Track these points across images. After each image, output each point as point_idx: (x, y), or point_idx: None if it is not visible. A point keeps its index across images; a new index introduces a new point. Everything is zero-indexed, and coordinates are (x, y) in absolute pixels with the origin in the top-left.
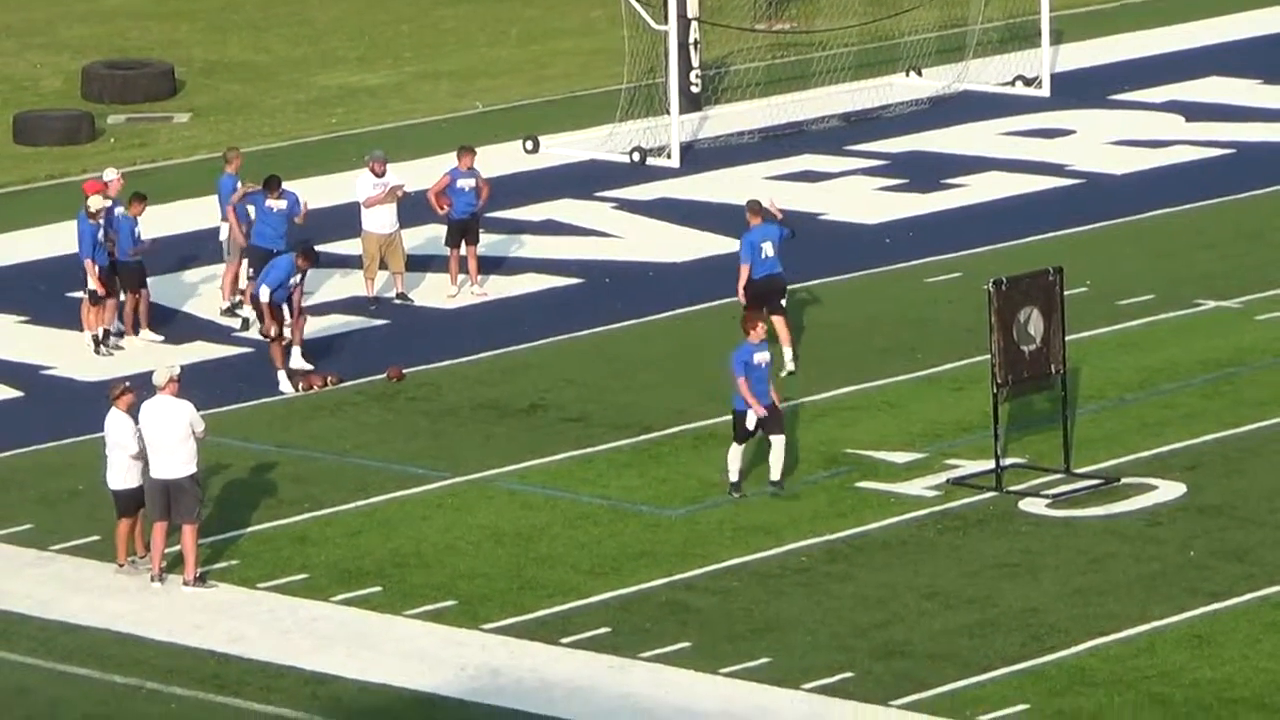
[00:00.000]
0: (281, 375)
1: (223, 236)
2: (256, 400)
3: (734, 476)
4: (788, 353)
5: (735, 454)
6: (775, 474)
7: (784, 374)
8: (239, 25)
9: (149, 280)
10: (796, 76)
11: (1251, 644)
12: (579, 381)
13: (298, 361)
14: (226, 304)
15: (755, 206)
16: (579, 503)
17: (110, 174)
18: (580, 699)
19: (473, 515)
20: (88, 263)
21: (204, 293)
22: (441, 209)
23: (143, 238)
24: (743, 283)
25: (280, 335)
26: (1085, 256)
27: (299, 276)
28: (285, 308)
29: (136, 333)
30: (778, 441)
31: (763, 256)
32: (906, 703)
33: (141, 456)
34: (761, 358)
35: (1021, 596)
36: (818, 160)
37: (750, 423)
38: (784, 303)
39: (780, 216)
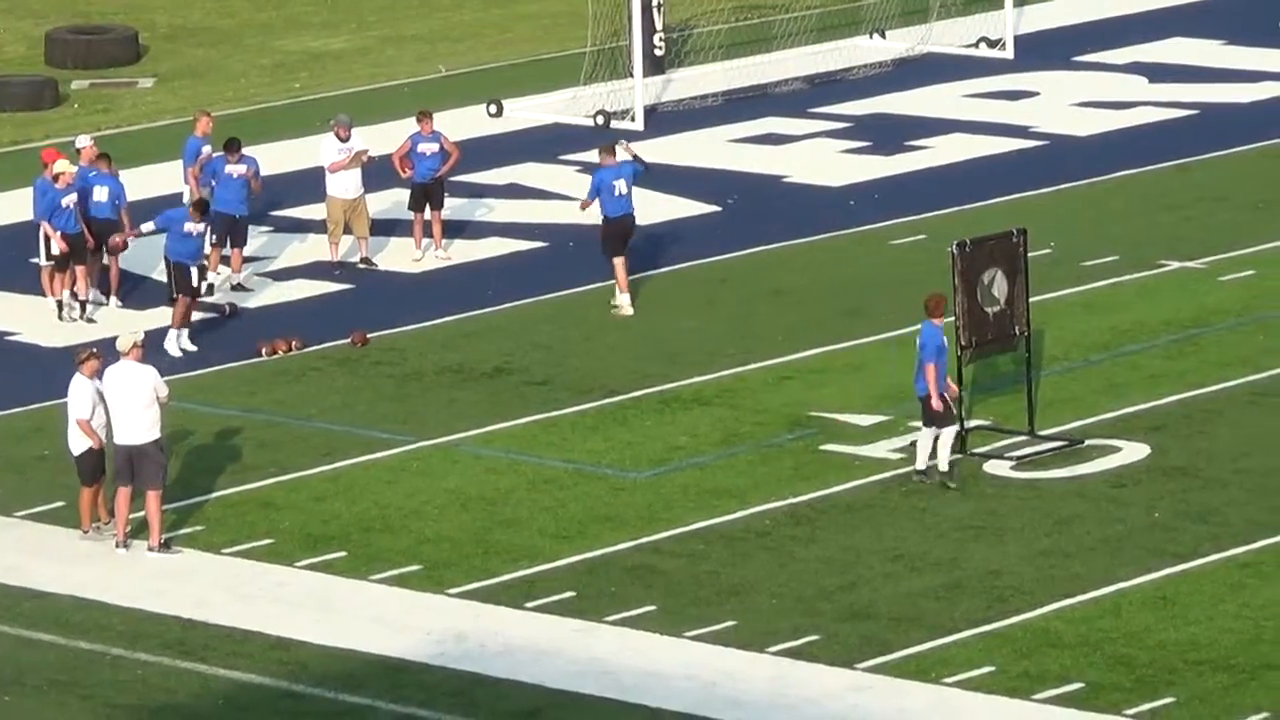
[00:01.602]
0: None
1: (186, 200)
2: (221, 365)
3: (921, 465)
4: (625, 299)
5: (926, 439)
6: (944, 464)
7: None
8: None
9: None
10: (760, 39)
11: (1216, 605)
12: (543, 345)
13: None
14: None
15: (609, 147)
16: (543, 466)
17: (83, 140)
18: (546, 663)
19: (437, 480)
20: (46, 227)
21: None
22: (405, 173)
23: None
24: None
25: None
26: (1049, 218)
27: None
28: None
29: (107, 299)
30: (949, 433)
31: (616, 194)
32: (871, 665)
33: (100, 422)
34: (946, 340)
35: (986, 559)
36: (781, 123)
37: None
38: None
39: (632, 157)
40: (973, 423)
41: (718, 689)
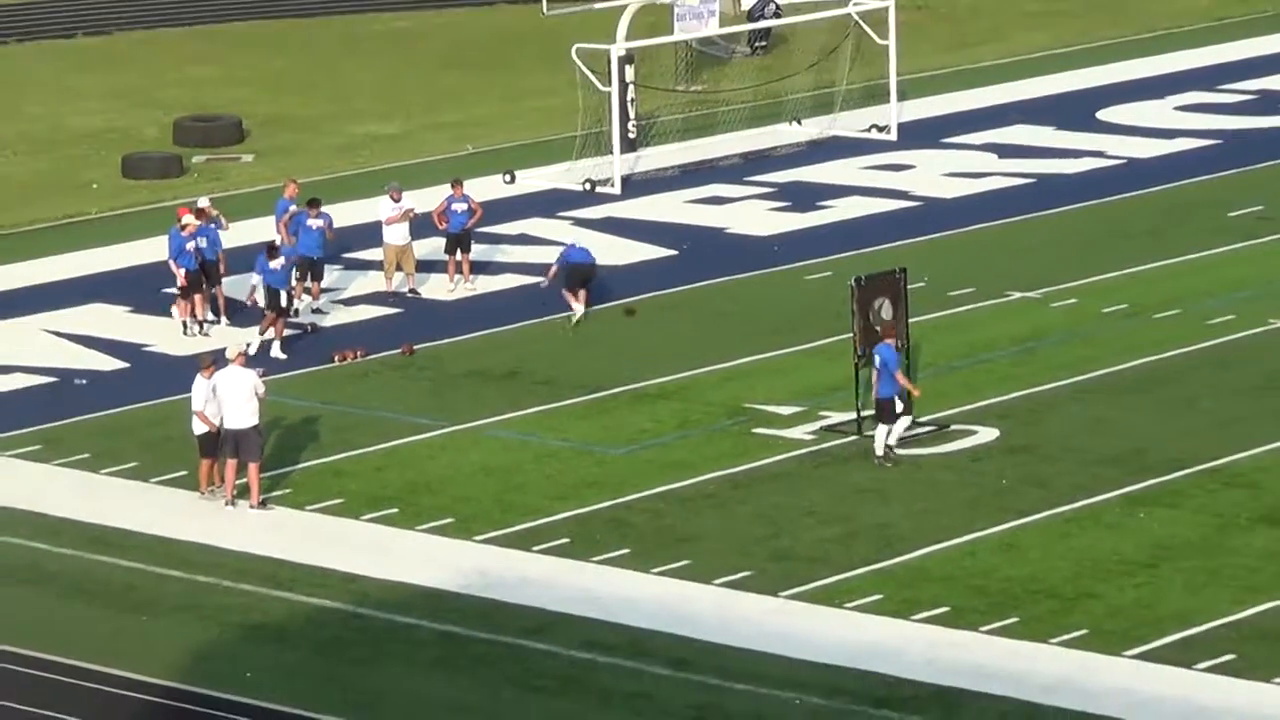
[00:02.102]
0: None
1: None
2: (304, 369)
3: (880, 451)
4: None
5: (882, 432)
6: (893, 439)
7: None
8: (291, 88)
9: (224, 279)
10: (707, 125)
11: (1048, 549)
12: (547, 354)
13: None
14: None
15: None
16: (547, 445)
17: (204, 201)
18: (547, 592)
19: (467, 455)
20: (173, 265)
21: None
22: (441, 226)
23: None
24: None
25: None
26: (923, 260)
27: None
28: (282, 292)
29: (218, 319)
30: (906, 420)
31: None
32: (791, 594)
33: (213, 411)
34: (899, 358)
35: (876, 515)
36: (724, 188)
37: (899, 407)
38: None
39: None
40: (866, 412)
41: (676, 612)
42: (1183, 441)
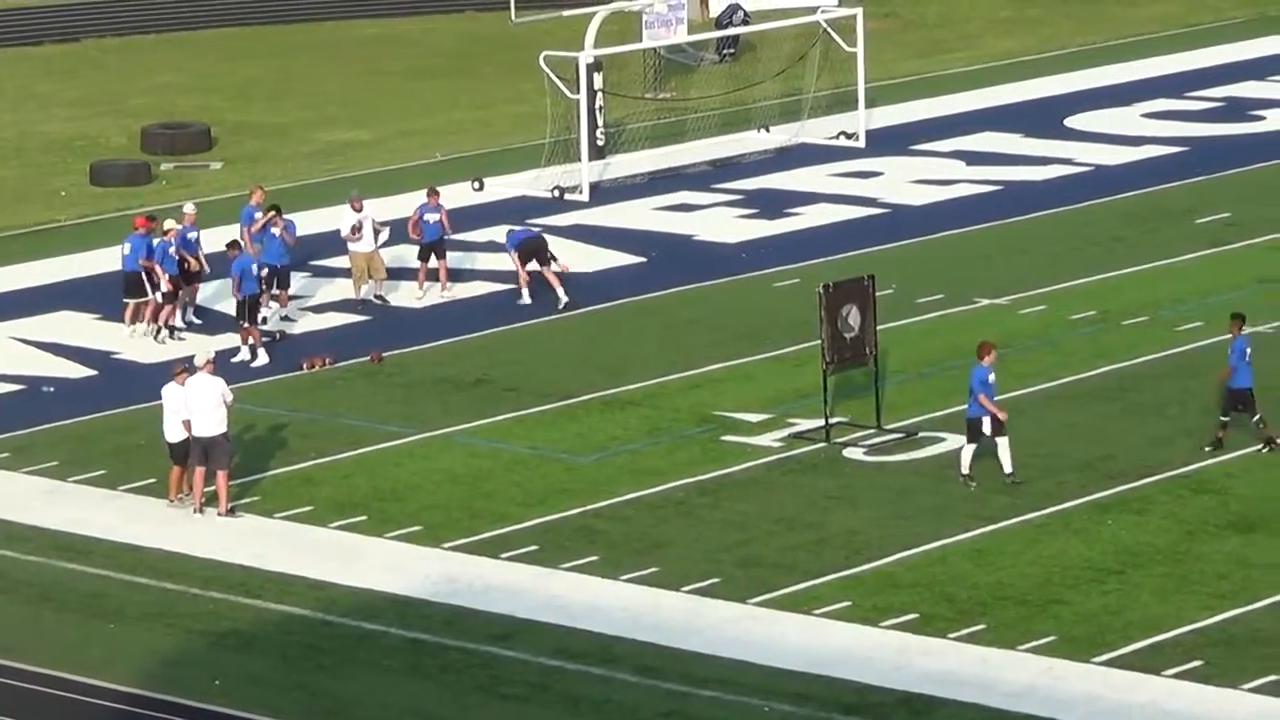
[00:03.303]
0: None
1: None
2: (273, 377)
3: (965, 470)
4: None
5: (968, 452)
6: (1008, 467)
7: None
8: (260, 95)
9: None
10: (675, 133)
11: (1016, 556)
12: (514, 361)
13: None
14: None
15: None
16: (514, 452)
17: (189, 207)
18: (515, 599)
19: (435, 462)
20: (157, 270)
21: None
22: (416, 235)
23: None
24: None
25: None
26: (892, 266)
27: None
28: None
29: (185, 320)
30: (1004, 441)
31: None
32: (760, 600)
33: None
34: (992, 378)
35: (845, 521)
36: (692, 195)
37: (986, 429)
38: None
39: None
40: (835, 419)
41: (645, 619)
42: (1151, 448)
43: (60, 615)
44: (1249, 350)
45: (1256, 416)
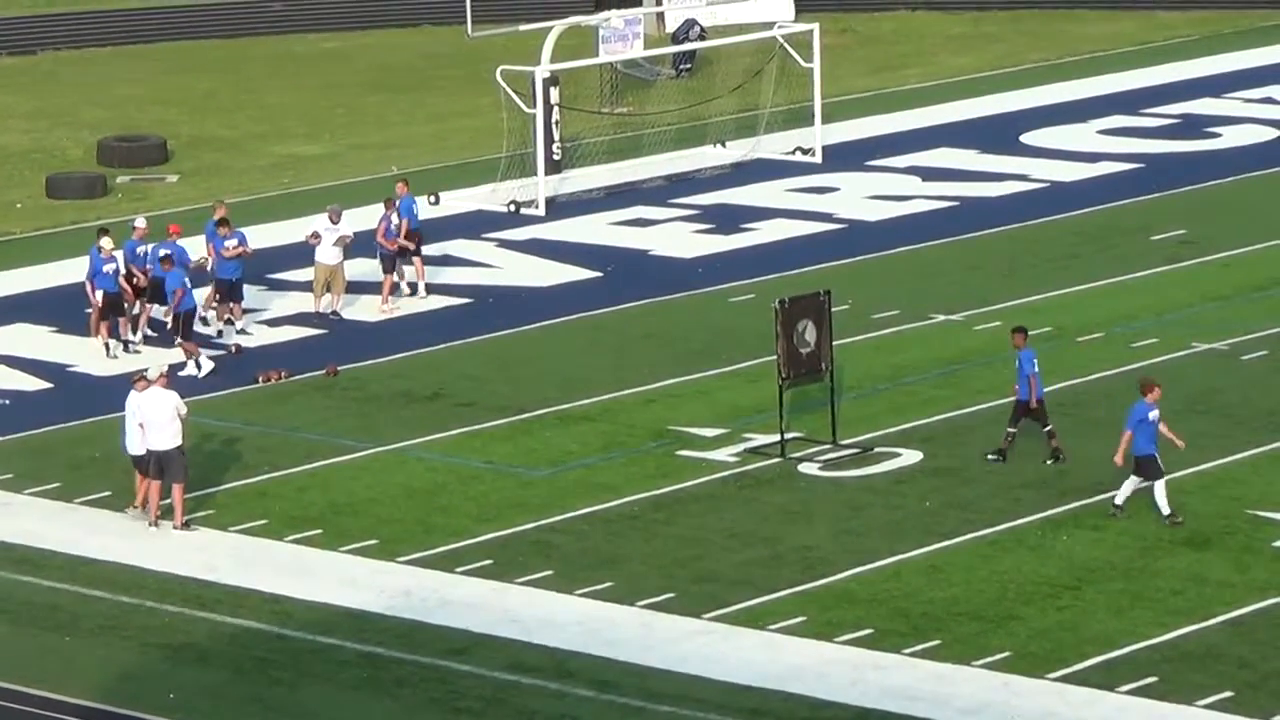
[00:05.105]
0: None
1: (209, 268)
2: (228, 389)
3: (1120, 500)
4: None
5: (1160, 490)
6: (1165, 509)
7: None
8: (215, 109)
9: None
10: (631, 148)
11: (971, 571)
12: (470, 376)
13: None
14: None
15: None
16: (469, 467)
17: (140, 221)
18: (471, 613)
19: (390, 476)
20: (88, 286)
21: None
22: (392, 246)
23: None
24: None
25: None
26: (847, 282)
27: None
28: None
29: (134, 332)
30: (1160, 485)
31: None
32: (714, 615)
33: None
34: (1154, 415)
35: (800, 537)
36: (648, 210)
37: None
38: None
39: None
40: (790, 434)
41: (600, 633)
42: (1106, 464)
43: (15, 628)
44: (1036, 360)
45: (1048, 427)
